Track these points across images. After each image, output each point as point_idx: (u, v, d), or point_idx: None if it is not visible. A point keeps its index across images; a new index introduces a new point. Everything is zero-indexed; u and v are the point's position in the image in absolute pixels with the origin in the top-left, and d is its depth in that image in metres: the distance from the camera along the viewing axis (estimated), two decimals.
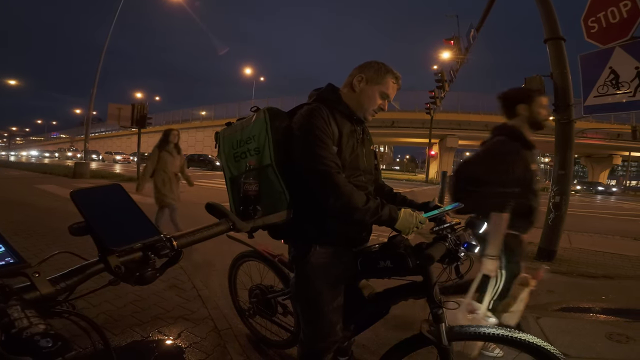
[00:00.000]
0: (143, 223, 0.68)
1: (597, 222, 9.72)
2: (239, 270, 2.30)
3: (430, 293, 1.26)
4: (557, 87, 4.57)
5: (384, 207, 1.28)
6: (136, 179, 12.55)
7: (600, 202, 20.82)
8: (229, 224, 0.79)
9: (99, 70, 15.26)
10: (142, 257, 0.63)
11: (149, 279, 0.64)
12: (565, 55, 4.61)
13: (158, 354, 2.00)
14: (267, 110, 1.34)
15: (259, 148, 1.30)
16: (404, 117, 37.01)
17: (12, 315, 0.44)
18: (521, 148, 1.92)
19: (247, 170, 1.32)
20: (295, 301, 1.58)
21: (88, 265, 0.60)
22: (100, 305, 2.46)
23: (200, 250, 3.98)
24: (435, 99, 21.65)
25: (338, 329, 1.43)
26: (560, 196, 4.59)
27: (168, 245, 0.66)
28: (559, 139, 4.66)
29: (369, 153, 1.51)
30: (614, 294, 3.44)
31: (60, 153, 42.77)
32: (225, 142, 1.41)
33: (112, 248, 0.59)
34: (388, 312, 1.51)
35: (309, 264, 1.37)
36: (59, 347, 0.43)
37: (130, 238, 0.63)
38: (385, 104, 1.44)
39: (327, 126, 1.30)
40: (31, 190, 8.49)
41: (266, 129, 1.29)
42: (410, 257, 1.21)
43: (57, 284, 0.55)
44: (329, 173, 1.24)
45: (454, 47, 14.20)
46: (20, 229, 4.43)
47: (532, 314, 2.83)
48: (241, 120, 1.43)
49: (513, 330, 1.23)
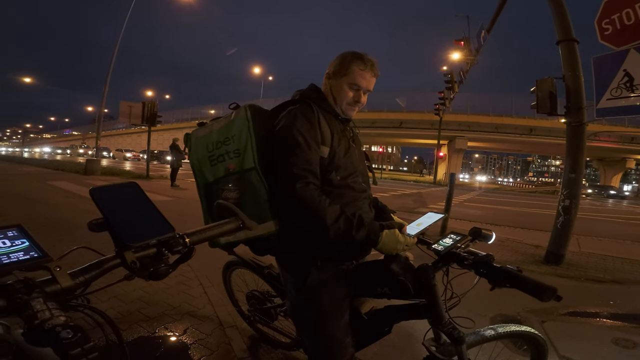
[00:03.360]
0: (158, 220, 0.70)
1: (607, 226, 9.56)
2: (233, 276, 2.25)
3: (439, 316, 1.16)
4: (569, 90, 4.52)
5: (360, 228, 1.12)
6: (145, 176, 12.86)
7: (612, 206, 20.45)
8: (239, 222, 0.81)
9: (111, 69, 15.47)
10: (156, 253, 0.65)
11: (162, 274, 0.66)
12: (578, 57, 4.54)
13: (164, 349, 2.03)
14: (248, 108, 1.22)
15: (240, 150, 1.17)
16: (412, 117, 36.80)
17: (35, 307, 0.47)
18: None
19: (226, 175, 1.20)
20: (298, 328, 1.47)
21: (105, 261, 0.62)
22: (109, 301, 2.51)
23: (207, 247, 3.93)
24: (444, 100, 21.49)
25: (350, 346, 1.32)
26: (570, 200, 4.53)
27: (181, 242, 0.68)
28: (570, 142, 4.60)
29: (361, 154, 1.41)
30: (622, 299, 3.40)
31: (72, 150, 43.50)
32: (198, 144, 1.28)
33: (129, 244, 0.61)
34: (391, 331, 1.36)
35: (310, 290, 1.25)
36: (78, 338, 0.45)
37: (146, 234, 0.65)
38: (359, 95, 1.30)
39: (313, 128, 1.19)
40: (43, 186, 8.65)
41: (248, 127, 1.18)
42: (411, 283, 1.12)
43: (76, 277, 0.57)
44: (292, 181, 1.12)
45: (464, 47, 14.07)
46: (33, 224, 4.53)
47: (537, 318, 2.82)
48: (216, 119, 1.31)
49: (518, 325, 1.28)
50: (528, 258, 4.83)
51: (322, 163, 1.21)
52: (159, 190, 9.45)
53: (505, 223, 8.30)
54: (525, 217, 10.32)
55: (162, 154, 31.13)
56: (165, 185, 11.17)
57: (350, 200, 1.27)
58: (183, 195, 9.00)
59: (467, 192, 21.80)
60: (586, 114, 4.51)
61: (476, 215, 9.57)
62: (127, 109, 13.51)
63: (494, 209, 12.77)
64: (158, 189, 9.72)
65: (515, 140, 36.09)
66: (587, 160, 5.11)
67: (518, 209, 13.51)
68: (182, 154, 11.59)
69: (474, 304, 1.23)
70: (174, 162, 11.59)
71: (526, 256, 4.94)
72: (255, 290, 2.04)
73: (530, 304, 3.12)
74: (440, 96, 21.84)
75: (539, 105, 4.77)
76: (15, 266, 0.53)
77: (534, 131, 34.27)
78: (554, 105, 4.70)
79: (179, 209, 6.94)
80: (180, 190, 10.13)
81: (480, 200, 16.52)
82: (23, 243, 0.58)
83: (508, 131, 34.96)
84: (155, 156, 31.30)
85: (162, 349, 2.04)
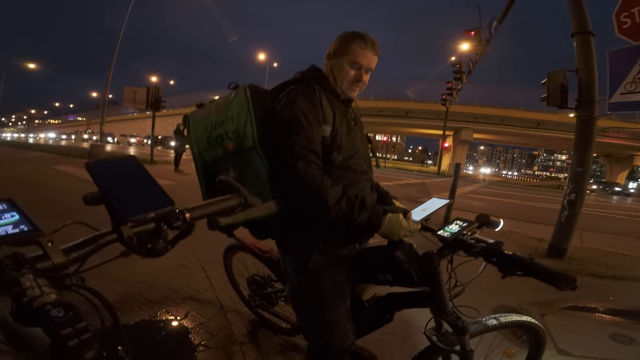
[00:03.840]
0: (157, 194, 0.67)
1: (610, 223, 9.50)
2: (234, 260, 2.24)
3: (442, 305, 1.14)
4: (582, 83, 4.42)
5: (362, 211, 1.10)
6: (149, 162, 12.87)
7: (616, 202, 20.31)
8: (241, 199, 0.78)
9: (115, 54, 15.35)
10: (154, 228, 0.62)
11: (160, 251, 0.63)
12: (593, 51, 4.42)
13: (165, 333, 2.04)
14: (248, 87, 1.19)
15: (239, 130, 1.15)
16: (418, 107, 36.46)
17: (24, 284, 0.44)
18: None
19: (224, 155, 1.18)
20: (298, 313, 1.45)
21: (101, 236, 0.59)
22: (111, 284, 2.51)
23: (210, 231, 3.94)
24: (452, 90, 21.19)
25: (350, 333, 1.31)
26: (576, 194, 4.48)
27: (181, 217, 0.65)
28: (579, 136, 4.52)
29: (363, 136, 1.39)
30: (622, 295, 3.39)
31: (77, 135, 43.62)
32: (196, 126, 1.26)
33: (126, 218, 0.59)
34: (392, 318, 1.35)
35: (310, 274, 1.23)
36: (70, 317, 0.43)
37: (144, 208, 0.62)
38: (361, 74, 1.27)
39: (315, 107, 1.16)
40: (47, 170, 8.65)
41: (248, 107, 1.15)
42: (415, 271, 1.09)
43: (69, 253, 0.54)
44: (293, 161, 1.09)
45: (474, 38, 13.81)
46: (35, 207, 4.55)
47: (538, 311, 2.83)
48: (215, 101, 1.28)
49: (520, 315, 1.28)
50: (531, 251, 4.80)
51: (323, 142, 1.19)
52: (163, 175, 9.49)
53: (509, 216, 8.25)
54: (529, 211, 10.26)
55: (166, 140, 31.10)
56: (169, 169, 11.20)
57: (352, 182, 1.25)
58: (186, 180, 9.04)
59: (471, 184, 21.69)
60: (597, 108, 4.43)
61: (480, 207, 9.52)
62: (131, 94, 13.48)
63: (498, 201, 12.72)
64: (162, 174, 9.76)
65: (522, 133, 35.74)
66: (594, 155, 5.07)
67: (522, 202, 13.43)
68: (185, 139, 11.55)
69: (475, 295, 1.21)
70: (177, 147, 11.63)
71: (529, 249, 4.92)
72: (256, 274, 2.03)
73: (531, 297, 3.12)
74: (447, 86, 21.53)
75: (550, 98, 4.67)
76: (2, 240, 0.49)
77: (542, 125, 33.88)
78: (565, 98, 4.61)
79: (182, 193, 6.95)
80: (184, 175, 10.16)
81: (483, 192, 16.44)
82: (13, 216, 0.54)
83: (515, 124, 34.60)
84: (160, 142, 31.29)
85: (163, 332, 2.04)
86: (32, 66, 33.74)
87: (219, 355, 1.89)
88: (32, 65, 33.78)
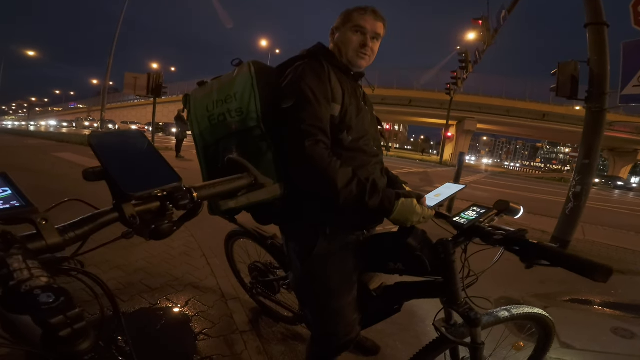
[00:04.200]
0: (163, 170, 0.63)
1: (612, 216, 9.45)
2: (235, 247, 2.20)
3: (455, 296, 1.08)
4: (593, 74, 4.32)
5: (374, 194, 1.04)
6: None
7: (618, 196, 20.22)
8: (251, 179, 0.73)
9: (115, 40, 15.24)
10: (159, 207, 0.57)
11: (165, 232, 0.58)
12: (606, 42, 4.32)
13: (165, 321, 2.01)
14: (252, 64, 1.14)
15: (242, 108, 1.09)
16: (422, 96, 36.08)
17: (12, 265, 0.40)
18: None
19: (227, 135, 1.12)
20: (301, 302, 1.41)
21: (101, 214, 0.54)
22: (111, 272, 2.49)
23: (211, 217, 3.91)
24: (457, 79, 20.92)
25: (356, 324, 1.27)
26: (582, 186, 4.43)
27: (188, 195, 0.60)
28: (588, 128, 4.45)
29: (373, 118, 1.33)
30: (624, 289, 3.37)
31: (78, 122, 43.34)
32: (197, 105, 1.20)
33: (128, 193, 0.54)
34: (400, 309, 1.30)
35: (315, 261, 1.18)
36: (61, 303, 0.39)
37: (149, 184, 0.58)
38: (366, 39, 1.21)
39: (323, 83, 1.10)
40: (48, 158, 8.51)
41: (252, 84, 1.09)
42: (428, 259, 1.04)
43: (65, 233, 0.49)
44: (300, 139, 1.03)
45: (482, 27, 13.56)
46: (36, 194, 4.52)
47: (541, 303, 2.82)
48: (218, 78, 1.22)
49: (530, 307, 1.24)
50: None
51: (332, 122, 1.13)
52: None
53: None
54: (532, 202, 10.21)
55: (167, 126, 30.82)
56: (170, 156, 11.10)
57: (362, 164, 1.19)
58: (188, 166, 8.97)
59: (473, 174, 21.59)
60: (608, 100, 4.34)
61: (483, 197, 9.48)
62: (132, 80, 13.37)
63: (500, 192, 12.66)
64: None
65: (526, 125, 35.41)
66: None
67: (525, 193, 13.37)
68: (187, 125, 11.50)
69: (477, 286, 1.17)
70: (178, 134, 11.53)
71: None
72: (258, 262, 2.00)
73: (534, 289, 3.12)
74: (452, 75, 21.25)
75: (559, 89, 4.59)
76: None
77: (547, 117, 33.54)
78: (575, 90, 4.52)
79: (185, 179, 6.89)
80: (185, 162, 10.10)
81: (486, 182, 16.36)
82: (5, 191, 0.49)
83: (520, 115, 34.27)
84: (161, 128, 31.07)
85: (164, 321, 2.02)
86: (31, 54, 33.38)
87: (219, 344, 1.87)
88: (32, 53, 33.41)
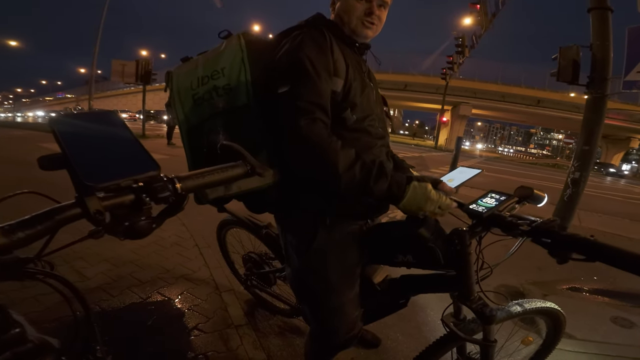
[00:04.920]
0: (139, 157, 0.53)
1: (606, 203, 9.55)
2: (228, 236, 2.10)
3: (469, 289, 0.98)
4: (596, 60, 4.25)
5: (380, 178, 0.92)
6: (141, 136, 12.55)
7: (610, 183, 20.48)
8: (247, 167, 0.64)
9: (101, 27, 14.80)
10: (133, 200, 0.48)
11: (142, 231, 0.49)
12: (610, 27, 4.23)
13: (157, 316, 1.93)
14: (242, 36, 1.02)
15: (230, 85, 0.98)
16: (417, 80, 35.82)
17: None
18: None
19: (212, 114, 1.01)
20: (299, 298, 1.31)
21: (58, 210, 0.44)
22: (99, 265, 2.40)
23: (203, 205, 3.81)
24: (452, 64, 20.69)
25: (358, 320, 1.20)
26: (581, 172, 4.41)
27: (169, 186, 0.51)
28: (588, 114, 4.40)
29: (379, 96, 1.20)
30: (621, 277, 3.37)
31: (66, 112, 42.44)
32: (180, 83, 1.07)
33: (89, 184, 0.44)
34: (407, 304, 1.21)
35: (314, 254, 1.08)
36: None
37: (118, 174, 0.48)
38: (372, 6, 1.06)
39: (324, 55, 0.97)
40: (36, 148, 8.26)
41: (242, 58, 0.98)
42: (442, 250, 0.93)
43: (12, 233, 0.41)
44: (296, 117, 0.91)
45: (480, 12, 13.36)
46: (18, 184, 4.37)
47: (540, 291, 2.81)
48: (203, 53, 1.10)
49: (543, 301, 1.20)
50: None
51: (334, 98, 0.99)
52: (156, 149, 9.29)
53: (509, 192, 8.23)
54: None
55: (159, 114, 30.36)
56: (161, 143, 10.99)
57: (366, 147, 1.06)
58: (179, 153, 8.75)
59: (468, 159, 21.65)
60: (610, 86, 4.29)
61: (480, 182, 9.46)
62: (119, 67, 13.02)
63: (496, 177, 12.70)
64: (154, 148, 9.56)
65: (521, 110, 35.50)
66: None
67: (520, 179, 13.44)
68: None
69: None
70: (170, 121, 11.34)
71: None
72: (252, 252, 1.91)
73: (532, 276, 3.10)
74: (448, 60, 21.00)
75: (560, 74, 4.51)
76: None
77: (542, 103, 33.61)
78: (576, 75, 4.44)
79: (176, 166, 6.76)
80: (177, 149, 9.92)
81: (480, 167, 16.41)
82: None
83: (515, 101, 34.30)
84: (152, 116, 30.58)
85: (155, 316, 1.93)
86: (13, 44, 32.10)
87: (214, 339, 1.80)
88: (14, 43, 32.14)
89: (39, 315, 1.76)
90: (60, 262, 2.29)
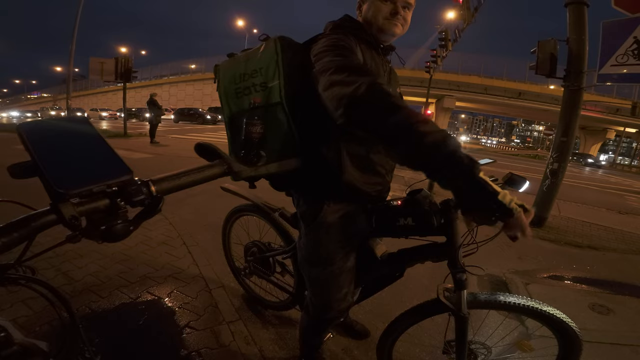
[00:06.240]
0: (110, 161, 0.53)
1: (583, 193, 9.89)
2: (235, 225, 2.14)
3: (454, 256, 1.13)
4: (572, 53, 4.40)
5: (428, 123, 0.80)
6: (123, 135, 12.19)
7: (588, 173, 21.16)
8: (224, 167, 0.66)
9: (77, 24, 14.23)
10: (109, 205, 0.49)
11: (119, 234, 0.50)
12: (586, 21, 4.38)
13: (147, 316, 1.92)
14: (278, 40, 1.12)
15: (267, 83, 1.11)
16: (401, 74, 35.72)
17: None
18: None
19: (250, 108, 1.15)
20: (302, 265, 1.42)
21: (34, 217, 0.45)
22: (86, 267, 2.37)
23: (191, 203, 3.87)
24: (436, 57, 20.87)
25: (349, 296, 1.32)
26: (559, 163, 4.58)
27: (143, 190, 0.52)
28: (565, 105, 4.55)
29: (400, 96, 1.30)
30: (598, 265, 3.52)
31: (43, 112, 40.86)
32: (225, 76, 1.24)
33: (62, 191, 0.45)
34: (402, 275, 1.37)
35: (320, 224, 1.21)
36: None
37: (91, 179, 0.49)
38: (397, 7, 1.14)
39: (353, 52, 1.05)
40: (8, 151, 7.73)
41: (277, 60, 1.09)
42: (435, 215, 1.08)
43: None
44: (356, 67, 0.93)
45: (462, 6, 13.51)
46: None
47: (521, 280, 2.89)
48: (246, 51, 1.23)
49: (541, 303, 1.20)
50: None
51: None
52: (139, 148, 8.99)
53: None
54: None
55: (140, 112, 29.63)
56: (144, 142, 10.67)
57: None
58: (163, 152, 8.63)
59: None
60: (585, 79, 4.43)
61: None
62: (97, 65, 12.45)
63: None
64: (137, 147, 9.26)
65: (503, 102, 36.13)
66: None
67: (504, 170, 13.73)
68: (160, 110, 10.99)
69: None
70: (152, 119, 10.93)
71: None
72: (257, 240, 1.96)
73: (513, 265, 3.21)
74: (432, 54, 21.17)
75: (539, 67, 4.65)
76: None
77: (523, 95, 34.28)
78: (554, 68, 4.60)
79: (160, 166, 6.67)
80: (161, 147, 9.68)
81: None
82: None
83: (497, 93, 34.87)
84: (134, 114, 29.82)
85: (146, 315, 1.93)
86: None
87: (206, 336, 1.82)
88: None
89: (29, 320, 1.76)
90: (46, 265, 2.26)
